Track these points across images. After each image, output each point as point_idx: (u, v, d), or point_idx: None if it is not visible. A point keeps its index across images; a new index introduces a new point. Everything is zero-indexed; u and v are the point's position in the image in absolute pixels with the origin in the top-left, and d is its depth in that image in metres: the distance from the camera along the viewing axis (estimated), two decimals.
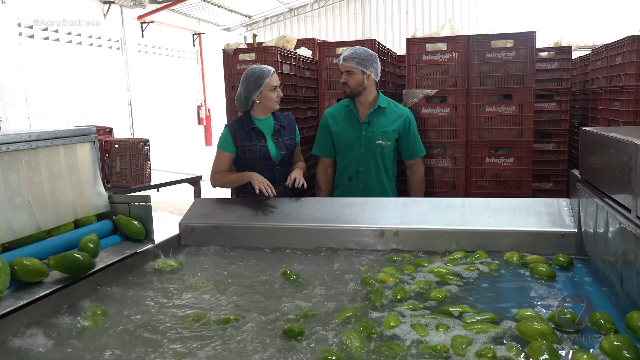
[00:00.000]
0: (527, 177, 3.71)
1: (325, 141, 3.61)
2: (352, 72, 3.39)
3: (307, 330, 1.77)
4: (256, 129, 3.30)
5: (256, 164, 3.29)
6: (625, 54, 3.73)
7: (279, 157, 3.30)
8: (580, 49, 12.13)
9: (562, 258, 2.36)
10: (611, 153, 2.00)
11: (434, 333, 1.72)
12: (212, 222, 2.98)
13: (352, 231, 2.77)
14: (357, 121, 3.50)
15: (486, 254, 2.45)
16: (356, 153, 3.50)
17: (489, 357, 1.55)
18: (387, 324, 1.78)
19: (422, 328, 1.74)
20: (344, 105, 3.57)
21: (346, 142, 3.52)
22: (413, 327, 1.75)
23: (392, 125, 3.47)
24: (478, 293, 2.09)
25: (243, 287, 2.25)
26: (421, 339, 1.68)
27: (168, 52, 14.97)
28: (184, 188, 6.56)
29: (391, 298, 2.03)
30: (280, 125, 3.35)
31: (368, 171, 3.50)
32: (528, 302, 1.97)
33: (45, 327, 1.86)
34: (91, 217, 2.61)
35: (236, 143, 3.29)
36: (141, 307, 2.06)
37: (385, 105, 3.49)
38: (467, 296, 2.06)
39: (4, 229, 2.06)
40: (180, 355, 1.66)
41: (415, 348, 1.63)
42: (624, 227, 1.84)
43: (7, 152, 2.15)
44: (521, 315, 1.83)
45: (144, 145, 5.22)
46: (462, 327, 1.75)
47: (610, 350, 1.51)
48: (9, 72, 9.40)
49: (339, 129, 3.53)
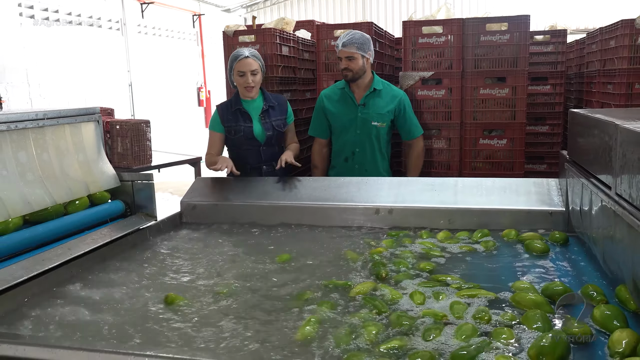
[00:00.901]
0: (519, 159, 3.80)
1: (320, 122, 3.68)
2: (353, 57, 3.43)
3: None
4: (242, 110, 3.35)
5: (241, 144, 3.37)
6: (618, 37, 3.78)
7: (264, 138, 3.35)
8: (576, 32, 12.10)
9: (558, 235, 2.46)
10: (595, 133, 2.09)
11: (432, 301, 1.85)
12: (212, 200, 3.08)
13: (348, 209, 2.87)
14: (353, 103, 3.56)
15: (489, 232, 2.56)
16: (352, 134, 3.57)
17: (485, 319, 1.66)
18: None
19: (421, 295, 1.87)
20: (339, 87, 3.63)
21: (342, 123, 3.59)
22: (411, 297, 1.87)
23: (387, 107, 3.54)
24: (475, 267, 2.21)
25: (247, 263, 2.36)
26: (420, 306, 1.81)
27: (168, 33, 14.95)
28: (183, 169, 6.64)
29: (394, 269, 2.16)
30: (269, 106, 3.38)
31: (363, 152, 3.58)
32: (523, 275, 2.08)
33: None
34: (105, 193, 2.71)
35: (224, 123, 3.37)
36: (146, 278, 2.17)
37: (380, 87, 3.56)
38: (467, 268, 2.18)
39: (20, 203, 2.17)
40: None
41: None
42: (605, 205, 1.93)
43: (16, 130, 2.25)
44: (517, 287, 1.93)
45: (144, 126, 5.28)
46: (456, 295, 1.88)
47: (602, 319, 1.60)
48: (10, 52, 9.43)
49: (335, 110, 3.60)
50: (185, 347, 1.54)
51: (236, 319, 1.76)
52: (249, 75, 3.24)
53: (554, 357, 1.39)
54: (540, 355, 1.40)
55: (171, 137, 11.45)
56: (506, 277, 2.06)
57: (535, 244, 2.34)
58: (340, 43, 3.43)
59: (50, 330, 1.69)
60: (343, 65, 3.47)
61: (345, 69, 3.47)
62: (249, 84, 3.25)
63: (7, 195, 2.12)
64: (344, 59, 3.45)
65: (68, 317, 1.80)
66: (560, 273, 2.10)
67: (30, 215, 2.25)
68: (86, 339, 1.54)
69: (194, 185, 3.23)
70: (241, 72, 3.24)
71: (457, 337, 1.56)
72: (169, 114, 14.11)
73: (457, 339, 1.55)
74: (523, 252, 2.34)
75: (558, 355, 1.39)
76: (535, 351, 1.42)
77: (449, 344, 1.53)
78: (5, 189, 2.14)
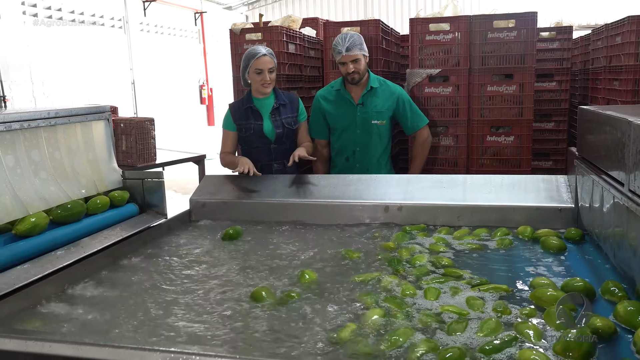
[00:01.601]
0: (526, 156, 3.81)
1: (319, 124, 3.67)
2: (359, 59, 3.41)
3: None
4: (253, 108, 3.37)
5: (252, 142, 3.39)
6: (624, 33, 3.78)
7: (274, 136, 3.36)
8: (581, 28, 12.09)
9: (573, 231, 2.46)
10: (606, 130, 2.09)
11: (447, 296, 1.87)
12: (222, 197, 3.09)
13: (357, 207, 2.87)
14: (351, 103, 3.54)
15: (508, 230, 2.55)
16: (352, 134, 3.57)
17: (506, 313, 1.68)
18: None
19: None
20: (335, 88, 3.60)
21: (341, 124, 3.58)
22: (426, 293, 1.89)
23: (385, 104, 3.54)
24: (491, 263, 2.22)
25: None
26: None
27: (170, 31, 14.95)
28: (186, 167, 6.65)
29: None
30: (280, 103, 3.39)
31: (364, 151, 3.58)
32: (540, 272, 2.08)
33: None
34: (124, 193, 2.73)
35: (235, 121, 3.39)
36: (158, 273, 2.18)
37: (377, 85, 3.54)
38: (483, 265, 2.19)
39: (37, 199, 2.18)
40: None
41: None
42: (617, 201, 1.93)
43: (29, 129, 2.25)
44: (536, 283, 1.92)
45: (149, 124, 5.29)
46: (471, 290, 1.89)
47: (625, 315, 1.60)
48: (13, 51, 9.44)
49: (334, 111, 3.59)
50: (196, 345, 1.55)
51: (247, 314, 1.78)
52: (267, 73, 3.26)
53: (580, 352, 1.39)
54: (567, 351, 1.40)
55: (173, 135, 11.46)
56: (524, 274, 2.06)
57: (552, 241, 2.33)
58: (344, 49, 3.38)
59: (64, 328, 1.70)
60: (350, 69, 3.42)
61: (353, 72, 3.43)
62: (267, 81, 3.27)
63: (24, 193, 2.13)
64: (349, 63, 3.41)
65: (82, 315, 1.81)
66: (577, 270, 2.09)
67: (54, 216, 2.27)
68: (103, 336, 1.55)
69: (202, 182, 3.24)
70: (259, 69, 3.25)
71: (481, 332, 1.57)
72: (171, 112, 14.12)
73: (482, 333, 1.56)
74: (539, 249, 2.34)
75: (584, 351, 1.40)
76: (562, 347, 1.42)
77: (473, 338, 1.54)
78: (22, 187, 2.15)
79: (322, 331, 1.63)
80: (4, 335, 1.26)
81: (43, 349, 1.14)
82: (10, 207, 2.08)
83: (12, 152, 2.17)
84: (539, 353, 1.43)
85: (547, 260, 2.21)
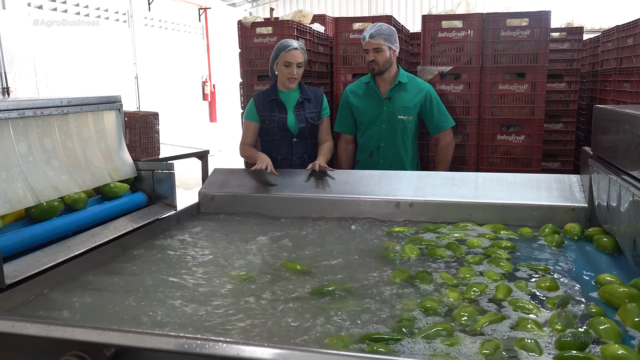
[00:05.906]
0: (537, 155, 3.79)
1: (346, 118, 3.65)
2: (381, 49, 3.38)
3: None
4: (278, 101, 3.36)
5: (274, 134, 3.38)
6: (637, 35, 3.76)
7: (297, 130, 3.36)
8: (589, 32, 12.06)
9: None
10: (625, 129, 2.07)
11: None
12: (231, 191, 3.07)
13: (367, 202, 2.86)
14: (379, 97, 3.52)
15: (557, 229, 2.50)
16: (377, 129, 3.54)
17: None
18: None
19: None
20: (364, 82, 3.59)
21: (367, 118, 3.56)
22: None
23: (413, 100, 3.51)
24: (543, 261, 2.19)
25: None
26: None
27: (174, 26, 14.91)
28: (188, 163, 6.63)
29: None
30: (305, 98, 3.38)
31: (389, 147, 3.54)
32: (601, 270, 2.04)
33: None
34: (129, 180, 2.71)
35: (259, 112, 3.38)
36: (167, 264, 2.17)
37: (405, 80, 3.52)
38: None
39: (49, 188, 2.16)
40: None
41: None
42: (637, 199, 1.91)
43: (42, 117, 2.23)
44: (602, 280, 1.87)
45: (153, 119, 5.27)
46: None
47: None
48: (18, 42, 9.41)
49: (360, 105, 3.57)
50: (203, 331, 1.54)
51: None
52: (295, 67, 3.26)
53: None
54: None
55: (175, 130, 11.43)
56: (585, 273, 2.03)
57: (604, 240, 2.28)
58: (368, 35, 3.38)
59: (78, 315, 1.69)
60: (370, 58, 3.41)
61: (372, 61, 3.41)
62: (293, 75, 3.27)
63: (35, 181, 2.11)
64: (371, 51, 3.40)
65: (93, 303, 1.81)
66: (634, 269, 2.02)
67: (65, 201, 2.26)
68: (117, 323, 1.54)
69: (212, 176, 3.22)
70: (288, 62, 3.25)
71: (551, 325, 1.55)
72: (173, 107, 14.08)
73: (551, 327, 1.54)
74: (590, 248, 2.30)
75: None
76: None
77: (545, 333, 1.53)
78: (34, 175, 2.12)
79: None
80: (25, 320, 1.24)
81: (65, 334, 1.12)
82: (22, 194, 2.05)
83: (25, 140, 2.14)
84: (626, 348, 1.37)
85: (601, 258, 2.17)
